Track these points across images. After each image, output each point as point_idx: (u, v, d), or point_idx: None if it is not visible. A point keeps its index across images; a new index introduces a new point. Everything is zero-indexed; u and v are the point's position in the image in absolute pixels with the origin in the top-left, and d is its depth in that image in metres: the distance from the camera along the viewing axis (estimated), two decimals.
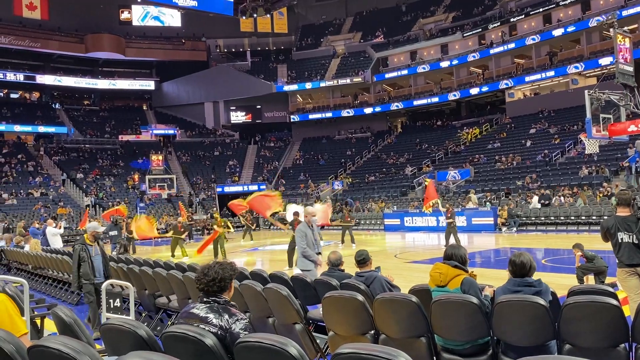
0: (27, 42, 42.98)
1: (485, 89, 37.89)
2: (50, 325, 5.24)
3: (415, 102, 41.64)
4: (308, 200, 36.54)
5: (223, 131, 49.01)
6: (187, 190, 39.95)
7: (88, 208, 33.10)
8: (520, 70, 36.87)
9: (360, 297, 4.20)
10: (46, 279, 11.91)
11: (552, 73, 34.49)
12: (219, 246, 16.81)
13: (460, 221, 23.22)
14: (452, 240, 16.11)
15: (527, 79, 35.78)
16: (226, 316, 2.85)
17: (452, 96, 39.65)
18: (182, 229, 18.56)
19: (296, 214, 12.57)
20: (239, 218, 26.88)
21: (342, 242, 19.35)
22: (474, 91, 38.48)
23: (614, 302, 3.47)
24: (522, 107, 36.21)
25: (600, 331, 3.48)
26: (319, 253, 7.65)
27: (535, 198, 22.80)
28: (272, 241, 24.34)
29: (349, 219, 19.86)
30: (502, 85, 36.73)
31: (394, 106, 42.63)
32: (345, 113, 44.60)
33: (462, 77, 40.23)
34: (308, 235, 7.40)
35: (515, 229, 21.48)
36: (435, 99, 40.76)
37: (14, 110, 44.18)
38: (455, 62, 39.70)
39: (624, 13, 30.35)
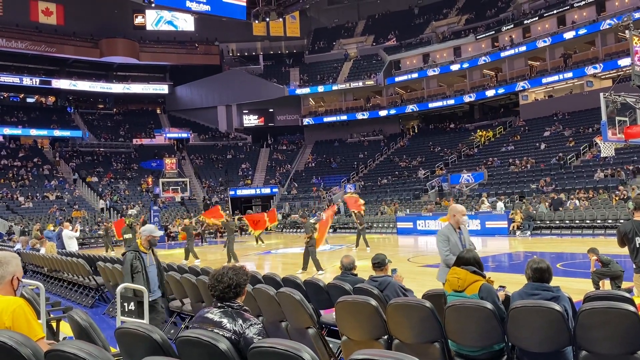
0: (43, 47, 43.57)
1: (501, 90, 37.68)
2: (66, 328, 5.29)
3: (431, 105, 41.53)
4: (320, 203, 36.58)
5: (236, 134, 49.24)
6: (200, 194, 40.15)
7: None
8: (534, 73, 36.63)
9: (373, 302, 4.19)
10: (61, 281, 12.01)
11: (569, 74, 34.19)
12: (228, 250, 16.82)
13: (474, 225, 23.09)
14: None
15: (544, 80, 35.48)
16: (240, 321, 2.86)
17: (468, 98, 39.45)
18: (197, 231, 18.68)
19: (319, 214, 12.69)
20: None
21: (357, 245, 19.31)
22: (490, 93, 38.30)
23: (631, 308, 3.42)
24: (536, 110, 35.94)
25: (617, 338, 3.43)
26: None
27: (542, 206, 22.49)
28: (284, 244, 24.38)
29: (360, 223, 19.72)
30: (519, 87, 36.48)
31: (409, 109, 42.55)
32: (360, 115, 44.55)
33: (475, 79, 40.07)
34: (452, 240, 5.89)
35: (529, 232, 21.28)
36: (451, 101, 40.65)
37: (30, 114, 44.80)
38: (465, 65, 39.58)
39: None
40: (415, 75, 42.20)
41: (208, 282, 3.12)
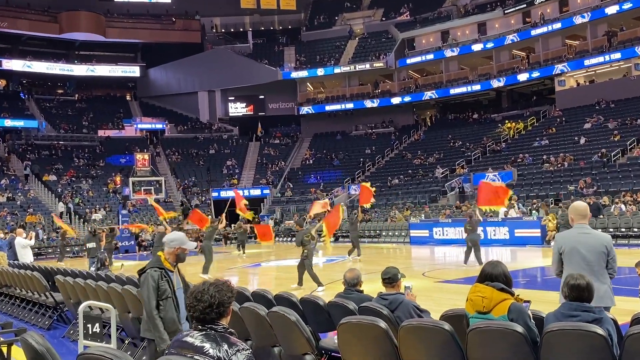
0: None
1: (536, 74, 37.65)
2: (18, 354, 5.28)
3: (452, 91, 41.51)
4: None
5: (220, 125, 49.22)
6: (177, 196, 40.14)
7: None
8: (572, 53, 36.63)
9: (382, 324, 4.19)
10: (13, 298, 11.99)
11: (617, 55, 34.12)
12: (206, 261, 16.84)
13: (502, 233, 23.15)
14: (472, 258, 15.98)
15: (586, 62, 35.41)
16: (225, 346, 2.85)
17: (496, 82, 39.39)
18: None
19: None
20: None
21: (349, 254, 19.75)
22: (523, 77, 38.25)
23: None
24: (575, 97, 35.93)
25: None
26: None
27: None
28: (277, 255, 24.39)
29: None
30: (557, 70, 36.44)
31: (427, 95, 42.53)
32: (370, 103, 44.53)
33: (503, 61, 40.07)
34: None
35: None
36: (476, 87, 40.64)
37: None
38: (490, 44, 39.60)
39: None
40: (430, 56, 42.19)
41: (186, 300, 3.11)
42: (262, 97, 48.84)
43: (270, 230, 22.59)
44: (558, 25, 36.35)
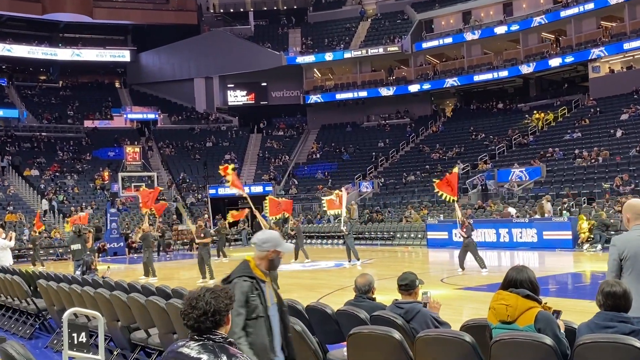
0: None
1: (569, 59, 37.43)
2: None
3: (476, 77, 41.37)
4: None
5: (218, 115, 49.29)
6: (171, 192, 40.23)
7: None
8: (607, 36, 36.43)
9: (397, 335, 4.19)
10: None
11: None
12: (205, 264, 17.07)
13: (530, 235, 23.09)
14: (468, 262, 16.31)
15: (625, 46, 35.14)
16: (224, 357, 2.86)
17: (526, 68, 39.18)
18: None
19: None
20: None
21: (349, 259, 20.05)
22: (555, 62, 38.02)
23: None
24: (611, 85, 35.71)
25: None
26: None
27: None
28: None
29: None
30: (593, 54, 36.20)
31: (449, 83, 42.37)
32: (385, 91, 44.41)
33: (531, 45, 39.90)
34: None
35: (600, 246, 21.22)
36: (504, 73, 40.44)
37: None
38: (515, 27, 39.42)
39: None
40: (449, 40, 42.10)
41: (181, 309, 3.13)
42: (265, 84, 48.84)
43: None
44: (591, 6, 36.12)
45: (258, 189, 40.42)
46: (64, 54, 48.65)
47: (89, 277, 10.66)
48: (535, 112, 38.39)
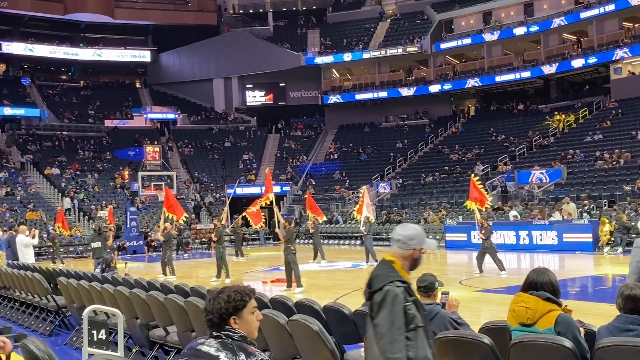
0: None
1: (592, 59, 37.09)
2: None
3: (498, 78, 41.08)
4: (344, 206, 36.54)
5: (236, 116, 49.45)
6: (189, 192, 40.40)
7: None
8: (629, 38, 36.07)
9: None
10: (12, 301, 12.20)
11: None
12: (222, 264, 17.28)
13: (550, 238, 22.95)
14: (487, 264, 16.24)
15: None
16: (242, 355, 2.87)
17: (548, 68, 38.85)
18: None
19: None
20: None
21: (367, 260, 20.16)
22: (577, 63, 37.69)
23: None
24: (633, 87, 35.33)
25: None
26: None
27: None
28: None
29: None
30: (617, 55, 35.84)
31: (470, 83, 42.11)
32: (406, 91, 44.25)
33: (552, 46, 39.61)
34: None
35: (621, 249, 21.03)
36: (526, 74, 40.15)
37: None
38: (534, 28, 39.13)
39: None
40: (467, 40, 41.92)
41: (205, 305, 3.15)
42: (283, 84, 48.91)
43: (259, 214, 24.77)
44: (611, 7, 35.81)
45: (275, 189, 40.46)
46: (85, 53, 49.03)
47: (109, 275, 10.75)
48: (556, 113, 38.11)
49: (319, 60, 46.13)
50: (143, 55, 50.93)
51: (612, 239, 21.60)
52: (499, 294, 12.93)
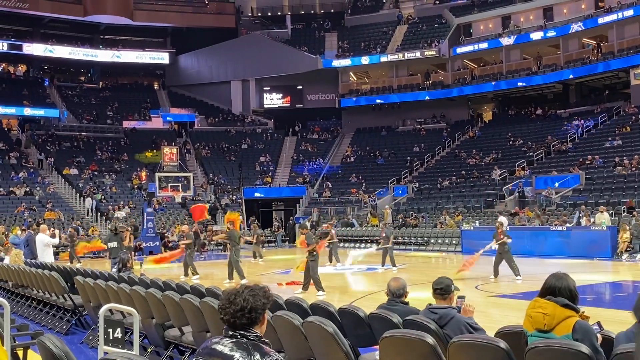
0: (13, 1, 44.64)
1: (614, 64, 36.75)
2: (34, 358, 5.43)
3: (519, 83, 40.80)
4: (360, 209, 36.51)
5: (254, 118, 49.58)
6: (206, 194, 40.56)
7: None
8: None
9: (430, 340, 4.17)
10: (29, 300, 12.30)
11: None
12: (232, 266, 17.22)
13: (567, 244, 22.75)
14: (502, 270, 16.15)
15: None
16: (257, 355, 2.88)
17: (570, 74, 38.58)
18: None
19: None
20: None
21: (383, 264, 20.11)
22: (599, 68, 37.39)
23: None
24: None
25: None
26: None
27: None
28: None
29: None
30: (638, 61, 35.50)
31: (489, 87, 41.89)
32: (423, 95, 44.11)
33: (572, 50, 39.35)
34: None
35: (639, 255, 20.85)
36: (545, 78, 39.87)
37: None
38: (551, 33, 38.99)
39: None
40: (484, 45, 41.78)
41: (219, 303, 3.16)
42: (300, 87, 48.99)
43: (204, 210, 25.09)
44: (630, 13, 35.55)
45: (292, 192, 40.64)
46: (105, 55, 49.40)
47: (125, 275, 10.81)
48: (575, 118, 37.89)
49: (336, 63, 46.14)
50: (162, 57, 51.25)
51: (631, 245, 21.41)
52: (515, 299, 12.86)
